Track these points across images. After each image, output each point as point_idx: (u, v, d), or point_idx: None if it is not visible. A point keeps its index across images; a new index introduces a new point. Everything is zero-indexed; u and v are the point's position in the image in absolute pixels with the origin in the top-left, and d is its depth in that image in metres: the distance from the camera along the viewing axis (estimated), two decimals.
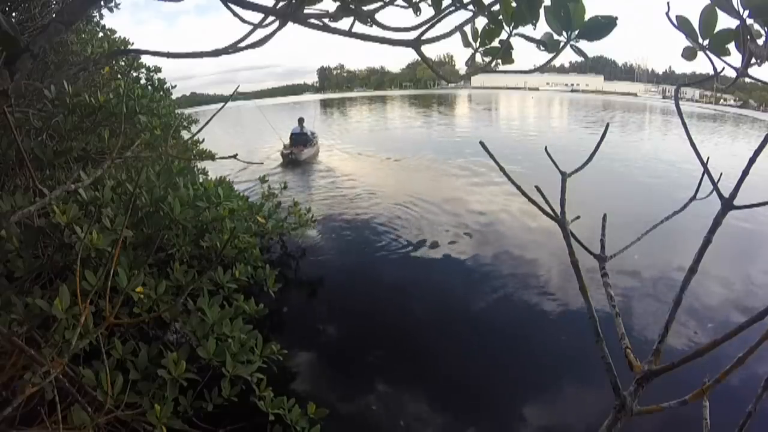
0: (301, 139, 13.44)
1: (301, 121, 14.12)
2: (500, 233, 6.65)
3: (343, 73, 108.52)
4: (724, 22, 0.75)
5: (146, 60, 5.89)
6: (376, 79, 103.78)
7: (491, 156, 0.83)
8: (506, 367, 3.66)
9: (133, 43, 5.06)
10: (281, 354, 2.61)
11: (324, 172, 11.74)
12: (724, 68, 0.79)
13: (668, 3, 0.76)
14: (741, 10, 0.70)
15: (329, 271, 5.48)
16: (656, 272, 5.12)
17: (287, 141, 13.52)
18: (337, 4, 1.06)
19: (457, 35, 1.08)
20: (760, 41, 0.73)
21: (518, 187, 0.79)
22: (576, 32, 0.89)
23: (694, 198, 0.87)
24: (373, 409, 3.20)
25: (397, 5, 1.12)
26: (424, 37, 1.07)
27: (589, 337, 0.67)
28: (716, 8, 0.75)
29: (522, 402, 3.26)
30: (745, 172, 0.66)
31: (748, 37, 0.73)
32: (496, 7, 1.00)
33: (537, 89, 75.97)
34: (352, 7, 1.06)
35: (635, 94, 72.41)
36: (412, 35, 1.07)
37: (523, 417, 3.13)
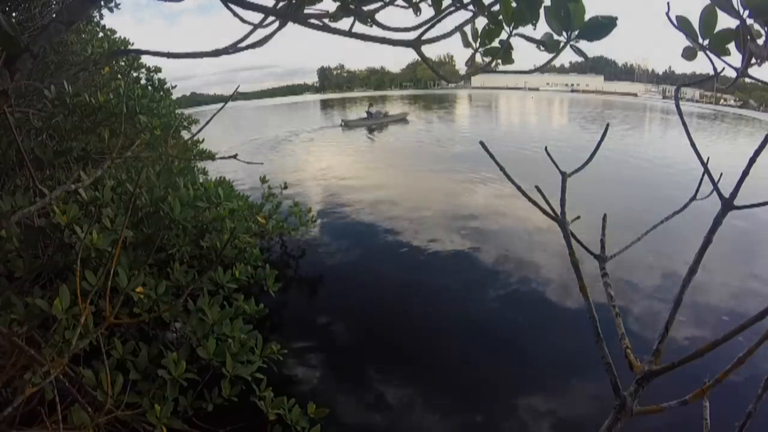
0: (367, 115, 22.96)
1: (370, 105, 24.70)
2: (503, 230, 6.63)
3: (343, 73, 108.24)
4: (724, 22, 0.75)
5: (146, 60, 5.92)
6: (377, 80, 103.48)
7: (491, 156, 0.82)
8: (506, 367, 3.66)
9: (133, 43, 5.07)
10: (281, 354, 2.61)
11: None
12: (724, 68, 0.79)
13: (668, 3, 0.76)
14: (741, 10, 0.70)
15: (330, 258, 5.51)
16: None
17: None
18: (337, 4, 1.06)
19: (457, 35, 1.08)
20: (760, 41, 0.73)
21: (518, 188, 0.79)
22: (576, 32, 0.89)
23: (694, 198, 0.87)
24: (374, 409, 3.20)
25: (397, 5, 1.12)
26: (424, 37, 1.07)
27: (589, 336, 0.67)
28: (716, 8, 0.74)
29: (521, 401, 3.26)
30: (745, 172, 0.66)
31: (748, 37, 0.73)
32: (496, 8, 1.00)
33: (537, 89, 75.84)
34: (352, 7, 1.06)
35: (635, 95, 72.29)
36: (412, 35, 1.07)
37: (523, 416, 3.13)
